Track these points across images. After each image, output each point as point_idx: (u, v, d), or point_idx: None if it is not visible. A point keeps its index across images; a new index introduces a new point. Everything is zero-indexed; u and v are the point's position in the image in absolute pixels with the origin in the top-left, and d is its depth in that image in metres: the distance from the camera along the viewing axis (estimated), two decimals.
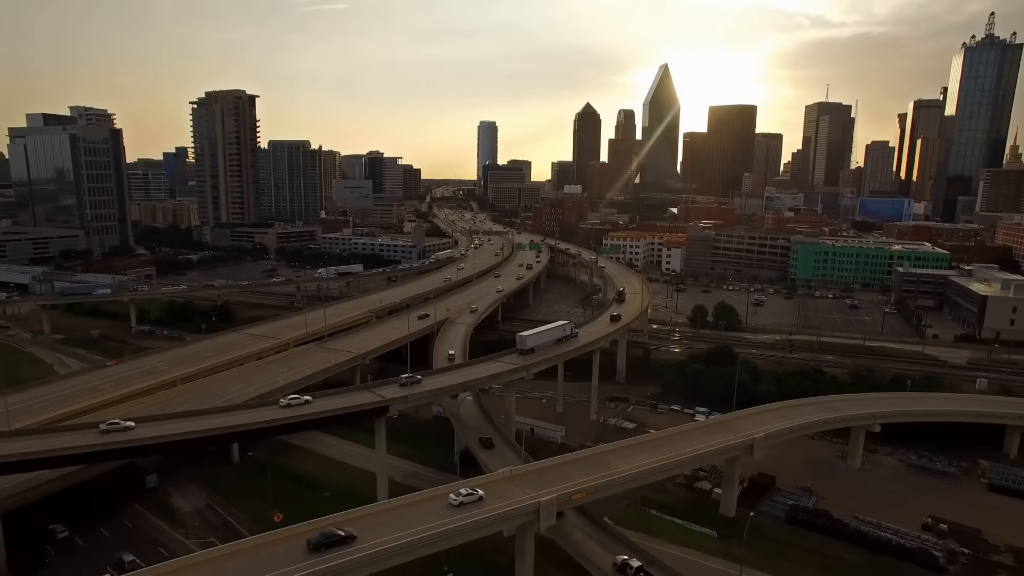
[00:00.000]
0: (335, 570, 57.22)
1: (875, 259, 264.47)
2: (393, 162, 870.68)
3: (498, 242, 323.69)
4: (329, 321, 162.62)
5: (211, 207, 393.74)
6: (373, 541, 61.05)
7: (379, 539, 61.40)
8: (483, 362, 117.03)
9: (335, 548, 59.55)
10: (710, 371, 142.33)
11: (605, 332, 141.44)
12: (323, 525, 62.49)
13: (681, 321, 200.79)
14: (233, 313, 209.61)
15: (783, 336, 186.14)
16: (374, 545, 60.42)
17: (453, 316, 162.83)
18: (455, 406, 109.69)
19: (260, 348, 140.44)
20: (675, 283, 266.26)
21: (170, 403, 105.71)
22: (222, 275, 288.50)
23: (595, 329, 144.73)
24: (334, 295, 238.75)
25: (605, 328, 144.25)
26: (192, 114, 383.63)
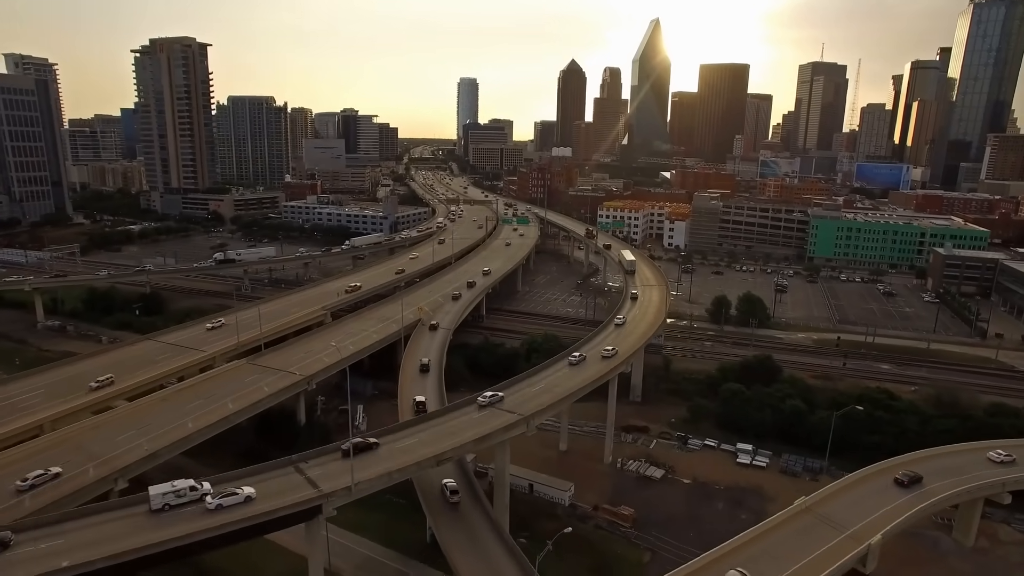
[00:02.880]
0: None
1: (905, 237, 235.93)
2: (368, 120, 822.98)
3: (480, 214, 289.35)
4: (271, 322, 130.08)
5: (160, 171, 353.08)
6: None
7: None
8: (464, 409, 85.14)
9: None
10: (750, 393, 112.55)
11: (625, 354, 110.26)
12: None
13: (698, 314, 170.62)
14: (164, 303, 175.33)
15: (821, 334, 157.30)
16: None
17: (426, 318, 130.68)
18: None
19: (175, 367, 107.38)
20: (682, 263, 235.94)
21: (21, 468, 72.98)
22: (166, 250, 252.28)
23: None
24: (289, 278, 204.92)
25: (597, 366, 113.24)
26: (135, 65, 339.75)
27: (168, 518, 58.20)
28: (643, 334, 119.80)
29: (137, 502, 60.33)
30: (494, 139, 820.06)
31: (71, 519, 57.88)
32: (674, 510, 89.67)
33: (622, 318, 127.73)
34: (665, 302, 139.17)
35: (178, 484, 60.62)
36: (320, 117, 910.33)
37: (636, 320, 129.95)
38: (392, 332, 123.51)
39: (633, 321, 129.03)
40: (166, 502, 59.17)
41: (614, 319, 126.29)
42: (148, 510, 58.86)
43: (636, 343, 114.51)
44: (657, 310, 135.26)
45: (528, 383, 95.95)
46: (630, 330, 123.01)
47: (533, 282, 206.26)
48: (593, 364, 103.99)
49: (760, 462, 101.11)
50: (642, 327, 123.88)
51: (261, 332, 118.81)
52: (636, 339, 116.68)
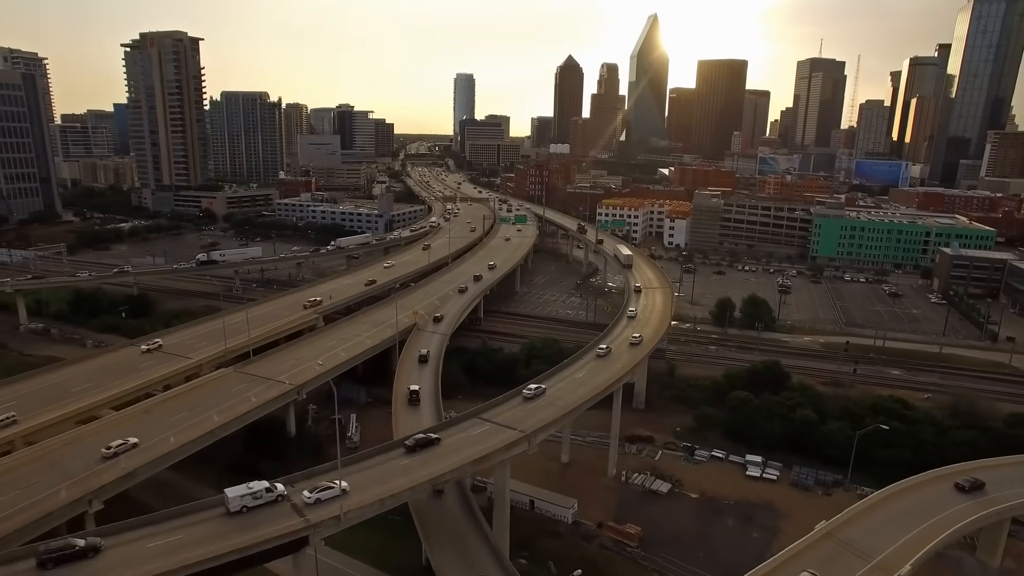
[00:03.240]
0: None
1: (909, 236, 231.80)
2: (364, 116, 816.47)
3: (477, 212, 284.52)
4: (260, 327, 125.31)
5: (151, 168, 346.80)
6: None
7: None
8: (462, 425, 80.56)
9: None
10: (758, 402, 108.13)
11: (627, 363, 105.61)
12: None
13: (702, 316, 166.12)
14: (153, 304, 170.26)
15: (828, 337, 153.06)
16: None
17: (422, 322, 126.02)
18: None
19: (158, 376, 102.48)
20: (683, 262, 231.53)
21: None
22: (155, 249, 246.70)
23: (615, 350, 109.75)
24: (281, 279, 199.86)
25: (628, 355, 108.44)
26: (125, 59, 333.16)
27: (248, 520, 58.26)
28: (647, 343, 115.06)
29: (214, 504, 60.63)
30: (491, 135, 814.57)
31: (152, 523, 58.03)
32: (682, 528, 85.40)
33: (606, 348, 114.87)
34: (670, 307, 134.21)
35: (254, 486, 60.89)
36: (316, 113, 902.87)
37: (640, 327, 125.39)
38: (386, 337, 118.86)
39: (639, 327, 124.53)
40: (244, 504, 59.45)
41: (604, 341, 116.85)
42: (226, 513, 59.00)
43: (634, 358, 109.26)
44: (661, 316, 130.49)
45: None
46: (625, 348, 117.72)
47: (532, 282, 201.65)
48: (598, 373, 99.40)
49: (770, 475, 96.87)
50: (645, 338, 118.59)
51: (249, 338, 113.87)
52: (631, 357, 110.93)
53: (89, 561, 52.51)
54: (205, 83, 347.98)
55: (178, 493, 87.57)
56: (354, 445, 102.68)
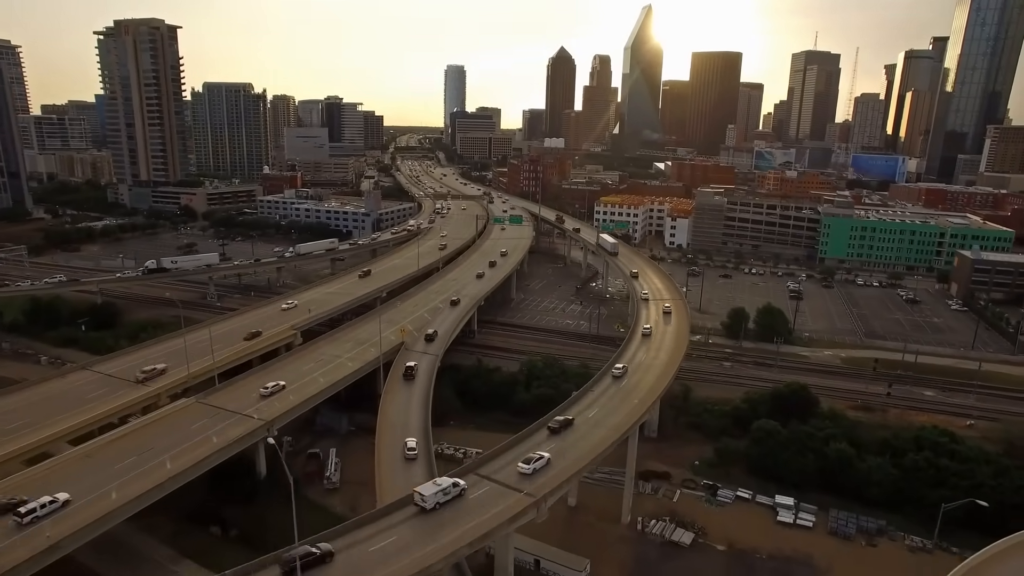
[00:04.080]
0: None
1: (923, 237, 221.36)
2: (353, 108, 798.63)
3: (470, 211, 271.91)
4: (232, 342, 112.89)
5: (127, 162, 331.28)
6: None
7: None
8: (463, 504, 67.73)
9: None
10: (786, 433, 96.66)
11: (645, 398, 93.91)
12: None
13: (712, 326, 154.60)
14: (118, 314, 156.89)
15: (849, 351, 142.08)
16: None
17: (410, 340, 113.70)
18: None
19: (109, 410, 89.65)
20: (688, 264, 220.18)
21: None
22: (129, 249, 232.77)
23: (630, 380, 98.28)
24: (260, 285, 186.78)
25: (645, 386, 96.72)
26: (98, 48, 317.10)
27: (441, 516, 61.08)
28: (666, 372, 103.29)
29: (405, 504, 63.15)
30: (482, 128, 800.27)
31: (352, 529, 59.46)
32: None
33: (622, 368, 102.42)
34: (685, 324, 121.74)
35: (441, 482, 63.85)
36: (304, 105, 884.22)
37: (655, 349, 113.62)
38: (370, 360, 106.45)
39: (653, 348, 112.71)
40: (437, 501, 62.18)
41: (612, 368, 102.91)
42: (420, 511, 61.61)
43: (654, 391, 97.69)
44: (676, 338, 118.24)
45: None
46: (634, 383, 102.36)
47: (528, 288, 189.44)
48: (613, 412, 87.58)
49: (805, 520, 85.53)
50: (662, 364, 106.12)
51: (214, 362, 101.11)
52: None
53: (328, 566, 54.02)
54: (184, 74, 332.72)
55: (128, 551, 75.51)
56: (333, 486, 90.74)
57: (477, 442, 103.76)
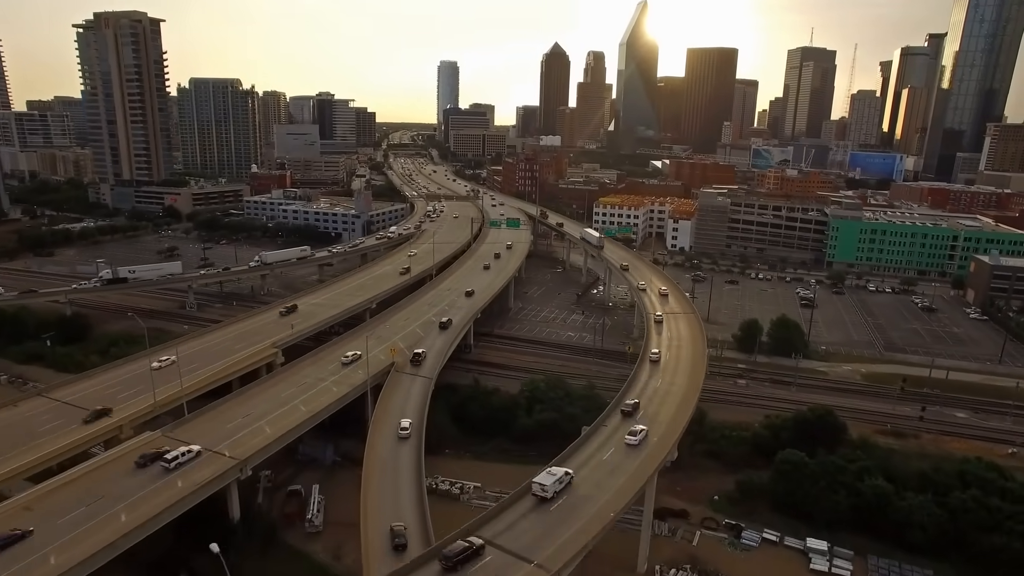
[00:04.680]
0: None
1: (935, 241, 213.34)
2: (345, 104, 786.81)
3: (464, 213, 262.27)
4: (204, 367, 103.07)
5: (109, 161, 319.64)
6: None
7: None
8: None
9: None
10: (814, 465, 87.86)
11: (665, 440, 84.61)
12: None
13: (722, 338, 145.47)
14: (90, 327, 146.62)
15: (869, 366, 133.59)
16: None
17: (401, 361, 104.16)
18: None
19: (64, 445, 79.91)
20: (692, 270, 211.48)
21: None
22: (107, 253, 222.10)
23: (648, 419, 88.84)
24: (243, 293, 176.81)
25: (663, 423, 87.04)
26: (77, 42, 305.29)
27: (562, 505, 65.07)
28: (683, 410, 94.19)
29: (523, 493, 66.55)
30: (475, 125, 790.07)
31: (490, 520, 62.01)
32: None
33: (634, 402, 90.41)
34: (701, 345, 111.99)
35: (556, 471, 68.10)
36: (295, 101, 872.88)
37: (669, 373, 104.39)
38: (357, 384, 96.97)
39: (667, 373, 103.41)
40: (555, 490, 66.10)
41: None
42: (540, 499, 65.55)
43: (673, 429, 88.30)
44: (693, 363, 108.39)
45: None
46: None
47: (526, 295, 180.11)
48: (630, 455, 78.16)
49: (842, 569, 76.77)
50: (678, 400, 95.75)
51: (182, 388, 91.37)
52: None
53: (484, 560, 55.91)
54: (168, 69, 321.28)
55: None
56: (316, 529, 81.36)
57: (476, 474, 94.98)
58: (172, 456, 74.08)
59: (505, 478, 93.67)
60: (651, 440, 79.28)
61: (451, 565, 54.57)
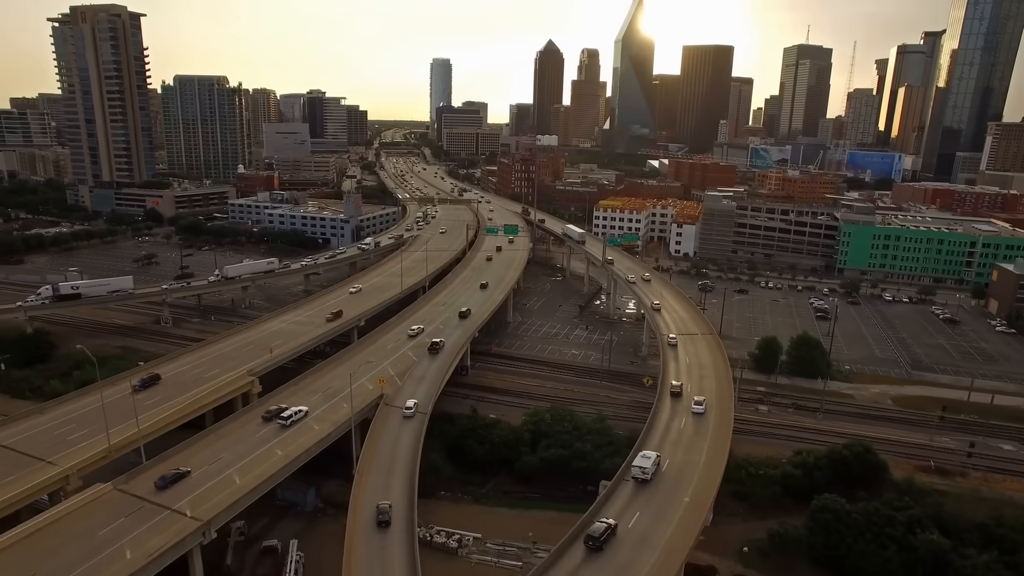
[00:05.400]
0: None
1: (952, 247, 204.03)
2: (336, 103, 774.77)
3: (458, 217, 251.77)
4: (171, 395, 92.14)
5: (88, 162, 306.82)
6: None
7: None
8: None
9: None
10: (856, 515, 77.75)
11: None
12: None
13: (736, 354, 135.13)
14: (54, 345, 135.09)
15: (898, 388, 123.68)
16: None
17: (391, 393, 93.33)
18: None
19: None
20: (698, 278, 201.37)
21: None
22: (81, 261, 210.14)
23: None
24: (223, 306, 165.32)
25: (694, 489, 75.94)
26: (53, 37, 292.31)
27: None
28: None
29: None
30: (468, 123, 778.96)
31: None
32: None
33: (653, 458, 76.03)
34: (726, 377, 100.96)
35: (649, 455, 73.07)
36: (285, 99, 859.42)
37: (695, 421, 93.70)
38: (341, 421, 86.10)
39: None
40: (652, 471, 71.91)
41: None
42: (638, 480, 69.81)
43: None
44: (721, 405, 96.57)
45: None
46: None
47: (525, 307, 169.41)
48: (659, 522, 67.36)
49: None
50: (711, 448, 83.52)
51: (139, 430, 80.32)
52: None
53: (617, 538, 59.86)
54: (150, 66, 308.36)
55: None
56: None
57: (475, 521, 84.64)
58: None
59: (508, 527, 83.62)
60: (680, 499, 68.56)
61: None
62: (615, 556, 60.49)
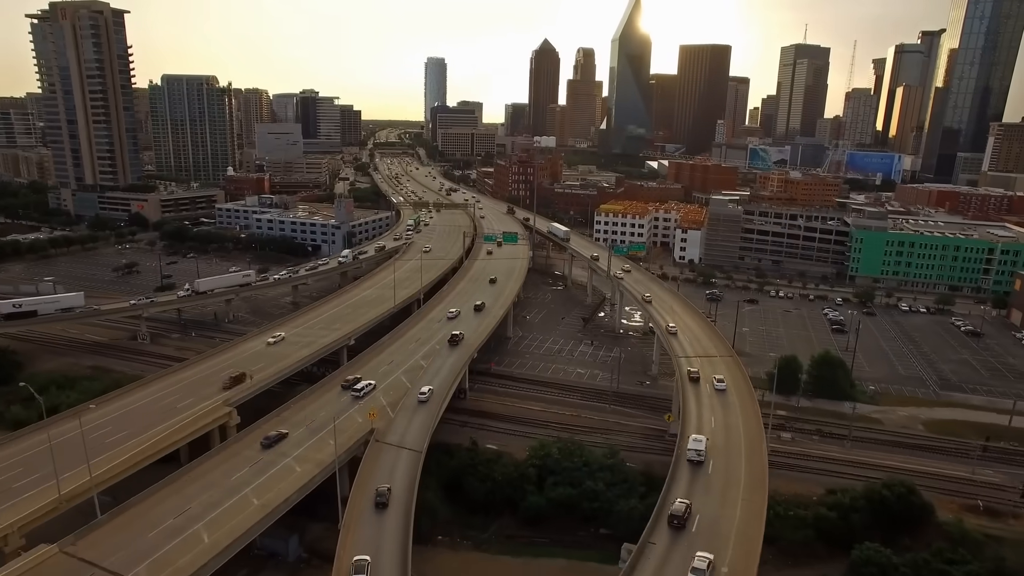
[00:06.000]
0: None
1: (968, 253, 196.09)
2: (330, 102, 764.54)
3: (453, 222, 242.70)
4: (137, 429, 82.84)
5: (71, 164, 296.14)
6: None
7: None
8: None
9: None
10: (904, 568, 69.32)
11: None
12: None
13: (752, 371, 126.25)
14: (20, 364, 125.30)
15: (927, 410, 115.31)
16: None
17: (382, 429, 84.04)
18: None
19: None
20: (705, 286, 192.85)
21: None
22: (58, 270, 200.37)
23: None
24: (206, 320, 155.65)
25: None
26: (32, 34, 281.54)
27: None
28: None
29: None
30: (464, 123, 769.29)
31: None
32: None
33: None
34: (754, 412, 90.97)
35: (700, 437, 78.46)
36: (278, 99, 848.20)
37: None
38: (326, 461, 76.88)
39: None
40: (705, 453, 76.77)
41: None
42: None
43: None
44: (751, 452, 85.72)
45: None
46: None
47: (525, 321, 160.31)
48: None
49: None
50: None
51: (91, 478, 70.82)
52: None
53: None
54: (135, 65, 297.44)
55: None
56: None
57: (477, 572, 76.33)
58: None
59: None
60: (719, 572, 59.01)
61: None
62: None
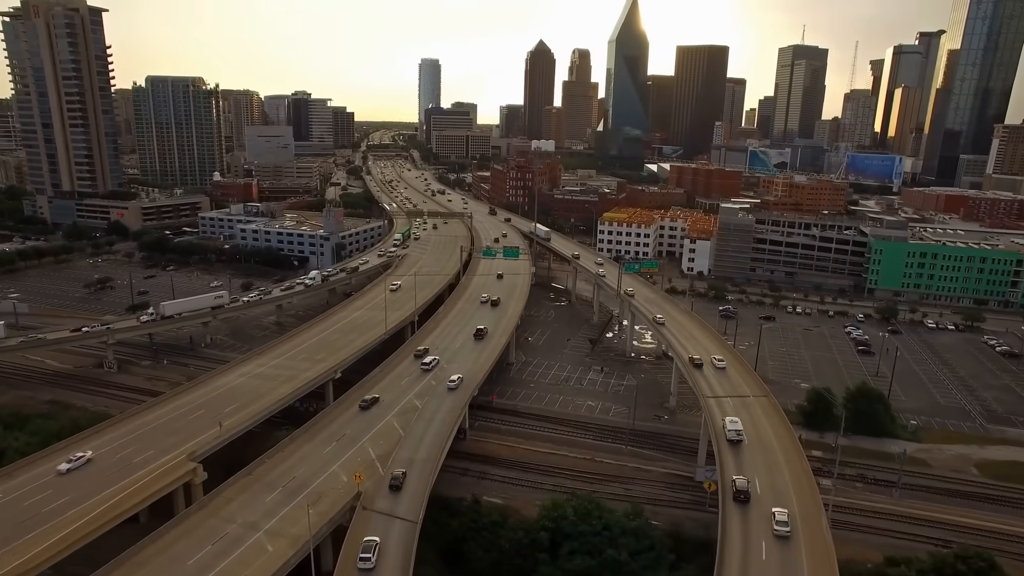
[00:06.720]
0: None
1: (995, 265, 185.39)
2: (322, 104, 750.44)
3: (450, 234, 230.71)
4: (84, 494, 70.49)
5: (47, 169, 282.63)
6: None
7: None
8: None
9: None
10: None
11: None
12: None
13: (779, 402, 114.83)
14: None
15: (979, 449, 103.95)
16: None
17: (370, 493, 71.82)
18: None
19: None
20: (717, 300, 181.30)
21: None
22: (25, 285, 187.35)
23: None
24: (182, 345, 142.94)
25: None
26: (3, 32, 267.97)
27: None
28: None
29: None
30: (458, 125, 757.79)
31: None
32: None
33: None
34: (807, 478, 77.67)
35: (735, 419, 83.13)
36: (269, 101, 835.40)
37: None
38: (302, 537, 64.57)
39: None
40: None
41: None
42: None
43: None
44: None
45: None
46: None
47: (528, 343, 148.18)
48: None
49: None
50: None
51: (30, 556, 58.53)
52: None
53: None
54: (113, 66, 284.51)
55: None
56: None
57: None
58: None
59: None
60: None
61: None
62: None
